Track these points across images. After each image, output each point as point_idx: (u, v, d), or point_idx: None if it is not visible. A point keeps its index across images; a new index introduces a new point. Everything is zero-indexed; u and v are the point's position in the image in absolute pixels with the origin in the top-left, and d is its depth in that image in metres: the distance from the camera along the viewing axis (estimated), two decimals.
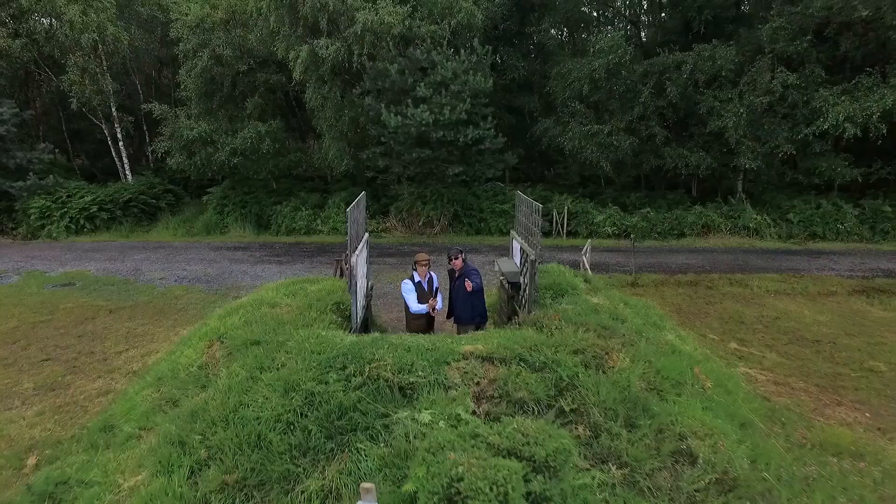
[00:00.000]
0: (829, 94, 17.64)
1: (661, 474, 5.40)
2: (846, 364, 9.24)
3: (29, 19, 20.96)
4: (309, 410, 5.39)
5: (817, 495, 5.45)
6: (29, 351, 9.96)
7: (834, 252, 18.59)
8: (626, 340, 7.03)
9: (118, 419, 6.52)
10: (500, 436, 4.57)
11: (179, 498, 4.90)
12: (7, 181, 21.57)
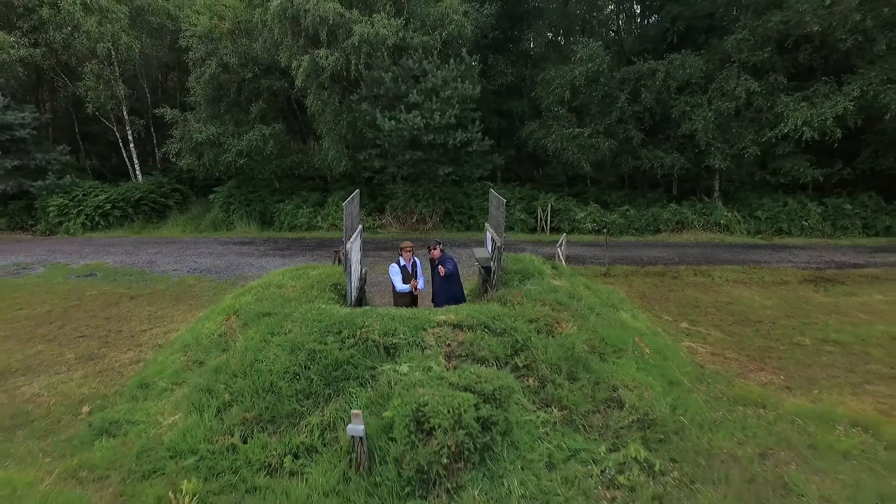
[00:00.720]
0: (791, 100, 18.86)
1: (595, 416, 6.65)
2: (778, 339, 10.48)
3: (48, 30, 22.07)
4: (311, 364, 6.62)
5: (721, 433, 6.66)
6: (65, 329, 11.16)
7: (796, 246, 19.83)
8: (577, 314, 8.27)
9: (153, 377, 7.75)
10: (459, 377, 5.82)
11: (210, 429, 6.14)
12: (27, 181, 22.73)
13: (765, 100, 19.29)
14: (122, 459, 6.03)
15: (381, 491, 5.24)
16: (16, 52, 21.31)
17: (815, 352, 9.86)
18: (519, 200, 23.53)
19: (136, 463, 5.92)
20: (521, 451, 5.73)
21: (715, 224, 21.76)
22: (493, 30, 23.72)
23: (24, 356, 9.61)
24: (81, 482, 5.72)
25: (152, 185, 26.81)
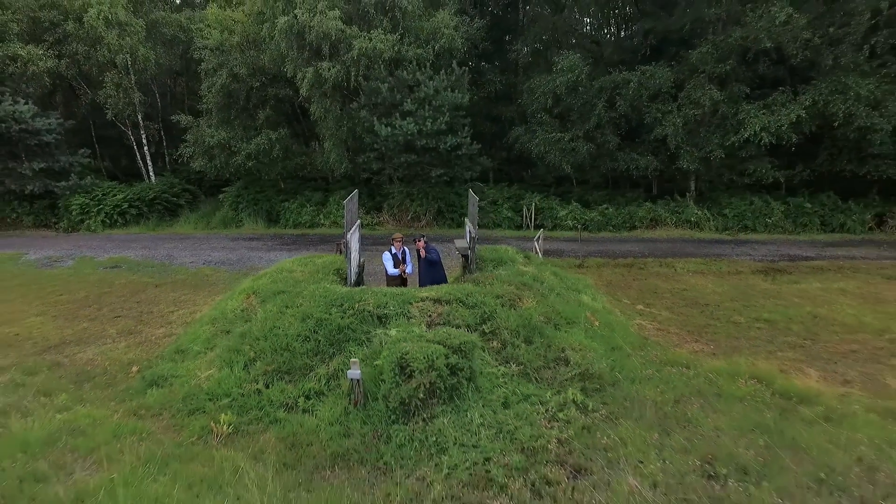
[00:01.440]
0: (752, 108, 20.38)
1: (545, 370, 8.18)
2: (717, 318, 12.00)
3: (72, 42, 23.51)
4: (318, 329, 8.14)
5: (648, 385, 8.18)
6: (103, 311, 12.67)
7: (758, 241, 21.35)
8: (538, 293, 9.80)
9: (187, 344, 9.27)
10: (434, 336, 7.35)
11: (239, 379, 7.68)
12: (52, 182, 24.19)
13: (729, 107, 20.80)
14: (171, 402, 7.55)
15: (373, 419, 6.78)
16: (43, 64, 22.77)
17: (746, 328, 11.40)
18: (507, 200, 25.02)
19: (182, 404, 7.45)
20: (482, 393, 7.26)
21: (686, 221, 23.26)
22: (483, 41, 25.14)
23: (73, 331, 11.13)
24: (141, 417, 7.24)
25: (165, 186, 28.27)
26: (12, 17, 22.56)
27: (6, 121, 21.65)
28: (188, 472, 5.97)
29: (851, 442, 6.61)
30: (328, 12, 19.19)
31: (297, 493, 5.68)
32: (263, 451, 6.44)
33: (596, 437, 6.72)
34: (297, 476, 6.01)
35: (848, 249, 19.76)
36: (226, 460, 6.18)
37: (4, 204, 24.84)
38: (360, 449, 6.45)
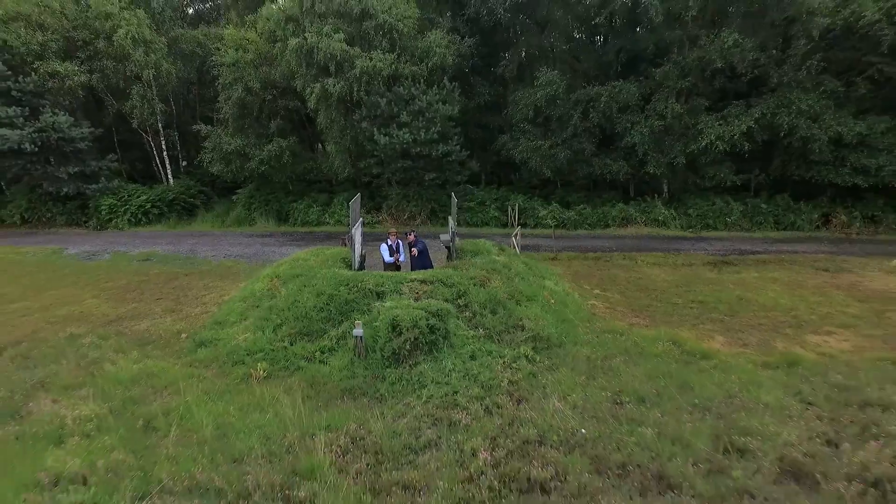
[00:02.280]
0: (710, 119, 22.45)
1: (505, 334, 10.26)
2: (660, 300, 14.08)
3: (102, 59, 25.54)
4: (330, 303, 10.23)
5: (586, 346, 10.26)
6: (145, 295, 14.74)
7: (716, 238, 23.39)
8: (505, 276, 11.89)
9: (224, 317, 11.35)
10: (418, 304, 9.43)
11: (269, 339, 9.77)
12: (84, 184, 26.21)
13: (690, 118, 22.85)
14: (217, 357, 9.64)
15: (372, 366, 8.87)
16: (77, 79, 24.78)
17: (681, 307, 13.49)
18: (494, 201, 27.05)
19: (226, 358, 9.54)
20: (455, 348, 9.35)
21: (655, 220, 25.30)
22: (472, 56, 27.15)
23: (125, 310, 13.21)
24: (195, 367, 9.33)
25: (182, 188, 30.29)
26: (51, 38, 24.57)
27: (47, 130, 23.67)
28: (238, 399, 8.08)
29: (726, 382, 8.72)
30: (333, 35, 21.23)
31: (319, 412, 7.78)
32: (291, 388, 8.53)
33: (538, 379, 8.83)
34: (317, 402, 8.11)
35: (793, 245, 21.81)
36: (264, 393, 8.28)
37: (41, 204, 26.87)
38: (363, 386, 8.55)
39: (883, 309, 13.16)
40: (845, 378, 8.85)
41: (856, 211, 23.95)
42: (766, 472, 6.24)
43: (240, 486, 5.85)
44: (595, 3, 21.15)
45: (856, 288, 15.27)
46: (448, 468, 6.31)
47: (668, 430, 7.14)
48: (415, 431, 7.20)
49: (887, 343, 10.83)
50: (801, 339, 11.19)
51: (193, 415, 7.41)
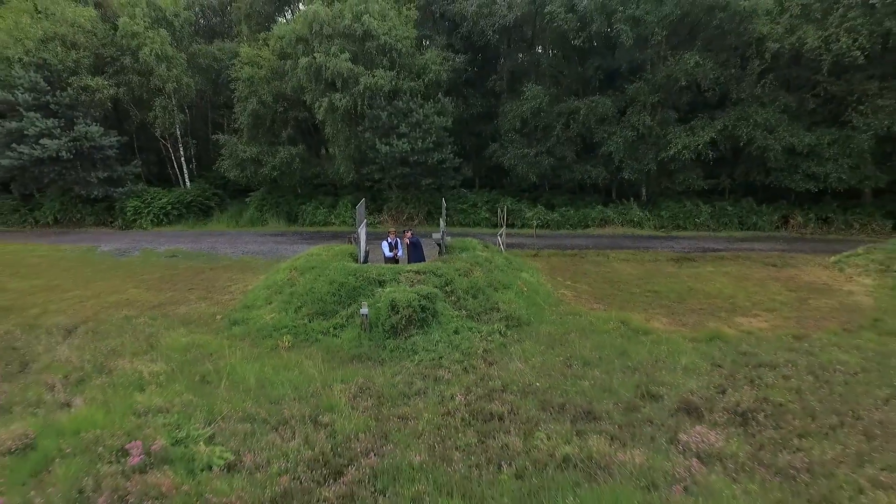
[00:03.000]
0: (678, 130, 24.46)
1: (483, 314, 12.29)
2: (621, 290, 16.09)
3: (128, 73, 27.52)
4: (340, 289, 12.25)
5: (548, 324, 12.27)
6: (178, 285, 16.73)
7: (685, 237, 25.38)
8: (486, 268, 13.92)
9: (251, 302, 13.37)
10: (413, 289, 11.45)
11: (292, 318, 11.80)
12: (112, 188, 28.18)
13: (660, 129, 24.86)
14: (249, 333, 11.66)
15: (375, 337, 10.90)
16: (106, 92, 26.75)
17: (638, 295, 15.52)
18: (485, 203, 29.03)
19: (257, 333, 11.56)
20: (442, 325, 11.38)
21: (630, 221, 27.29)
22: (466, 71, 29.09)
23: (164, 298, 15.21)
24: (232, 339, 11.35)
25: (198, 191, 32.21)
26: (83, 55, 26.50)
27: (80, 139, 25.62)
28: (270, 362, 10.10)
29: (657, 351, 10.75)
30: (340, 55, 23.21)
31: (334, 370, 9.81)
32: (311, 355, 10.55)
33: (507, 348, 10.86)
34: (332, 364, 10.14)
35: (752, 244, 23.81)
36: (291, 357, 10.31)
37: (72, 206, 28.83)
38: (368, 352, 10.59)
39: (807, 297, 15.21)
40: (751, 347, 10.90)
41: (811, 213, 25.91)
42: (667, 409, 8.27)
43: (279, 416, 7.88)
44: (574, 27, 23.11)
45: (792, 280, 17.30)
46: (432, 406, 8.34)
47: (601, 383, 9.18)
48: (408, 384, 9.23)
49: (798, 323, 12.87)
50: (731, 321, 13.23)
51: (237, 372, 9.43)
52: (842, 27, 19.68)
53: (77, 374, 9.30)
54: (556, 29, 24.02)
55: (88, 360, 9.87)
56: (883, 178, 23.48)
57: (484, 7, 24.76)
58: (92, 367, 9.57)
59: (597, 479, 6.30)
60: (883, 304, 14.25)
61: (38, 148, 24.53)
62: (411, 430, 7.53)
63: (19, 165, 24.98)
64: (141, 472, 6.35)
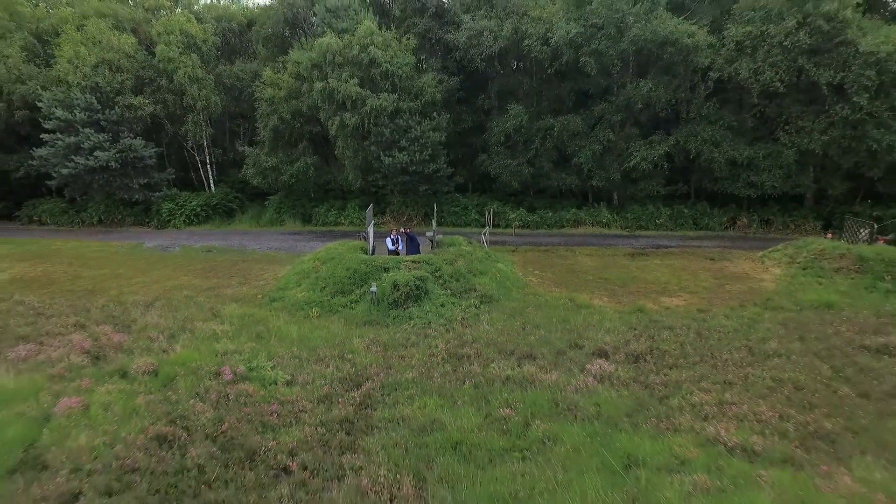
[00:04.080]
0: (638, 144, 27.69)
1: (463, 294, 15.59)
2: (578, 278, 19.30)
3: (164, 93, 30.73)
4: (354, 274, 15.55)
5: (515, 302, 15.52)
6: (220, 274, 19.93)
7: (645, 236, 28.58)
8: (468, 259, 17.18)
9: (283, 285, 16.63)
10: (410, 273, 14.75)
11: (318, 295, 15.14)
12: (150, 192, 31.37)
13: (624, 143, 28.09)
14: (285, 307, 14.90)
15: (381, 309, 14.16)
16: (147, 109, 29.95)
17: (591, 282, 18.75)
18: (475, 206, 32.22)
19: (292, 307, 14.81)
20: (432, 300, 14.62)
21: (599, 222, 30.50)
22: (458, 91, 32.24)
23: (212, 283, 18.42)
24: (273, 311, 14.58)
25: (222, 194, 35.35)
26: (126, 77, 29.67)
27: (125, 151, 28.81)
28: (305, 325, 13.35)
29: (591, 319, 13.98)
30: (349, 80, 26.42)
31: (352, 330, 13.06)
32: (334, 321, 13.80)
33: (479, 316, 14.11)
34: (351, 326, 13.39)
35: (701, 241, 27.01)
36: (320, 322, 13.56)
37: (114, 208, 32.00)
38: (376, 319, 13.84)
39: (726, 283, 18.46)
40: (662, 317, 14.15)
41: (755, 215, 29.16)
42: (585, 353, 11.49)
43: (317, 355, 11.12)
44: (548, 57, 26.30)
45: (720, 271, 20.55)
46: (422, 351, 11.58)
47: (543, 339, 12.41)
48: (405, 338, 12.47)
49: (708, 301, 16.13)
50: (657, 300, 16.47)
51: (282, 331, 12.68)
52: (766, 62, 22.92)
53: (168, 332, 12.50)
54: (534, 58, 27.25)
55: (172, 324, 13.09)
56: (811, 187, 26.74)
57: (473, 38, 27.94)
58: (177, 327, 12.79)
59: (525, 388, 9.54)
60: (780, 288, 17.52)
61: (91, 159, 27.72)
62: (406, 363, 10.79)
63: (76, 174, 28.17)
64: (233, 384, 9.60)
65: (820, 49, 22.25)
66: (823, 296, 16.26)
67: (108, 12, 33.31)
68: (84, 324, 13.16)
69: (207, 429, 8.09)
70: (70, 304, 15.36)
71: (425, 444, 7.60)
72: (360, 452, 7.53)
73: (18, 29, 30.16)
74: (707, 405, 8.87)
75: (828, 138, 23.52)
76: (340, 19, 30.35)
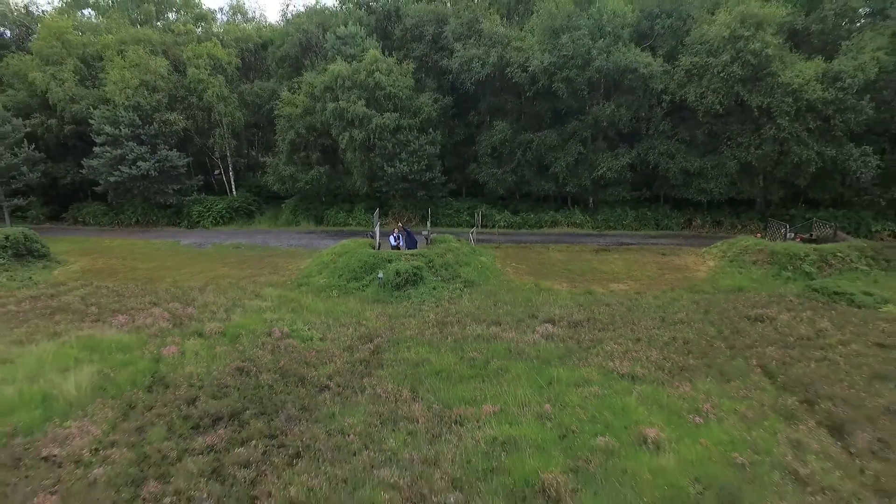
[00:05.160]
0: (605, 156, 31.07)
1: (450, 280, 19.08)
2: (547, 269, 22.67)
3: (194, 110, 34.06)
4: (364, 264, 19.03)
5: (491, 286, 18.91)
6: (252, 265, 23.25)
7: (611, 235, 31.94)
8: (456, 253, 20.60)
9: (308, 272, 20.06)
10: (408, 263, 18.21)
11: (336, 280, 18.63)
12: (182, 197, 34.69)
13: (593, 156, 31.48)
14: (311, 290, 18.31)
15: (386, 291, 17.59)
16: (180, 124, 33.28)
17: (556, 272, 22.15)
18: (466, 209, 35.57)
19: (316, 290, 18.22)
20: (426, 285, 18.04)
21: (574, 223, 33.88)
22: (451, 108, 35.54)
23: (246, 273, 21.76)
24: (301, 293, 17.98)
25: (242, 198, 38.66)
26: (162, 96, 32.97)
27: (162, 161, 32.13)
28: (329, 302, 16.76)
29: (549, 299, 17.39)
30: (357, 101, 29.77)
31: (365, 306, 16.46)
32: (351, 300, 17.19)
33: (462, 297, 17.52)
34: (363, 303, 16.80)
35: (658, 240, 30.42)
36: (340, 300, 16.97)
37: (150, 210, 35.30)
38: (383, 298, 17.25)
39: (667, 273, 21.88)
40: (605, 298, 17.56)
41: (708, 217, 32.59)
42: (538, 320, 14.89)
43: (340, 322, 14.53)
44: (526, 82, 29.69)
45: (666, 263, 23.95)
46: (417, 320, 14.98)
47: (509, 311, 15.81)
48: (405, 311, 15.87)
49: (647, 287, 19.54)
50: (606, 286, 19.88)
51: (311, 306, 16.07)
52: (709, 87, 26.34)
53: (223, 307, 15.85)
54: (515, 83, 30.62)
55: (225, 301, 16.46)
56: (759, 193, 30.17)
57: (464, 64, 31.26)
58: (229, 304, 16.15)
59: (490, 342, 12.95)
60: (708, 276, 20.97)
61: (134, 168, 31.03)
62: (406, 327, 14.20)
63: (121, 181, 31.47)
64: (281, 340, 12.99)
65: (751, 78, 25.66)
66: (738, 282, 19.74)
67: (143, 38, 36.57)
68: (157, 302, 16.52)
69: (269, 365, 11.49)
70: (139, 288, 18.73)
71: (418, 371, 11.01)
72: (374, 377, 10.94)
73: (69, 56, 33.40)
74: (616, 352, 12.28)
75: (761, 152, 26.95)
76: (349, 46, 33.66)
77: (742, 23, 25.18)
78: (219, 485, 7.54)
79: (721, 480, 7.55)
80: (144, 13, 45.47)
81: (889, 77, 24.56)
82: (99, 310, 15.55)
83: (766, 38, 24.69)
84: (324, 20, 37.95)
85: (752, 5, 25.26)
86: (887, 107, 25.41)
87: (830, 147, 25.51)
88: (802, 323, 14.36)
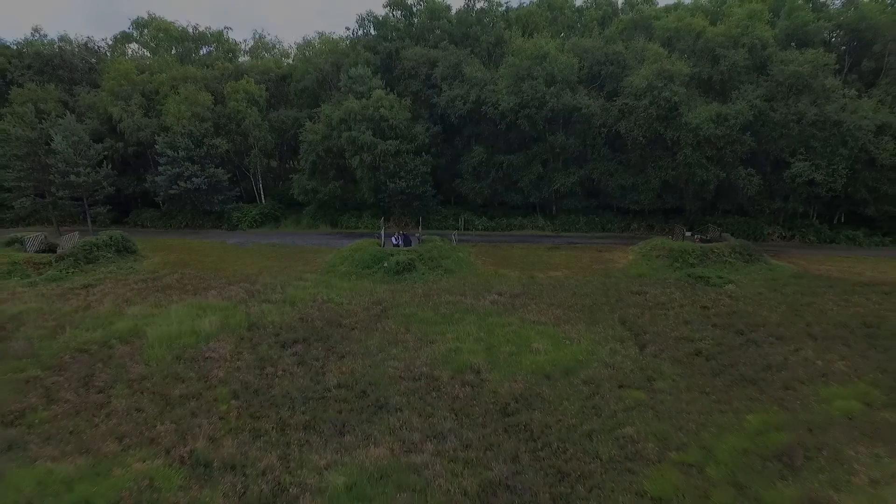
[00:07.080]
0: (559, 174, 37.13)
1: (434, 269, 25.21)
2: (508, 261, 28.70)
3: (234, 135, 39.95)
4: (374, 257, 25.15)
5: (463, 273, 25.00)
6: (288, 259, 29.18)
7: (566, 236, 37.94)
8: (439, 250, 26.73)
9: (332, 263, 26.15)
10: (406, 256, 24.40)
11: (352, 268, 24.73)
12: (224, 205, 40.56)
13: (551, 174, 37.57)
14: (335, 275, 24.38)
15: (390, 275, 23.71)
16: (223, 147, 39.18)
17: (514, 263, 28.18)
18: (453, 215, 41.57)
19: (339, 275, 24.29)
20: (418, 272, 24.17)
21: (536, 226, 39.95)
22: (441, 135, 41.49)
23: (285, 264, 27.71)
24: (329, 276, 24.04)
25: (270, 206, 44.54)
26: (208, 124, 38.82)
27: (210, 177, 38.01)
28: (349, 283, 22.84)
29: (503, 280, 23.52)
30: (366, 131, 35.76)
31: (375, 285, 22.56)
32: (364, 281, 23.26)
33: (442, 280, 23.63)
34: (374, 283, 22.89)
35: (602, 240, 36.46)
36: (357, 282, 23.06)
37: (197, 216, 41.16)
38: (388, 281, 23.36)
39: (595, 264, 27.99)
40: (541, 280, 23.66)
41: (644, 222, 38.78)
42: (492, 293, 20.99)
43: (359, 294, 20.62)
44: (497, 117, 35.81)
45: (597, 257, 30.08)
46: (411, 294, 21.07)
47: (473, 288, 21.90)
48: (402, 288, 21.96)
49: (575, 273, 25.64)
50: (546, 272, 25.96)
51: (339, 285, 22.12)
52: (636, 123, 32.51)
53: (280, 285, 21.86)
54: (490, 117, 36.74)
55: (278, 282, 22.47)
56: (687, 203, 36.33)
57: (449, 102, 37.32)
58: (284, 284, 22.16)
59: (456, 305, 19.04)
60: (623, 266, 27.11)
61: (189, 183, 36.93)
62: (403, 298, 20.30)
63: (178, 194, 37.38)
64: (322, 304, 19.07)
65: (665, 118, 31.86)
66: (642, 270, 25.90)
67: (190, 75, 42.39)
68: (231, 283, 22.51)
69: (318, 316, 17.55)
70: (213, 274, 24.69)
71: (409, 320, 17.15)
72: (383, 322, 17.03)
73: (134, 92, 39.23)
74: (533, 310, 18.40)
75: (675, 173, 33.16)
76: (358, 84, 39.63)
77: (658, 76, 31.35)
78: (303, 368, 13.61)
79: (566, 365, 13.68)
80: (185, 48, 51.42)
81: (765, 118, 30.81)
82: (194, 287, 21.55)
83: (675, 88, 30.87)
84: (337, 58, 43.87)
85: (665, 63, 31.45)
86: (766, 139, 31.65)
87: (723, 170, 31.75)
88: (664, 295, 20.53)
